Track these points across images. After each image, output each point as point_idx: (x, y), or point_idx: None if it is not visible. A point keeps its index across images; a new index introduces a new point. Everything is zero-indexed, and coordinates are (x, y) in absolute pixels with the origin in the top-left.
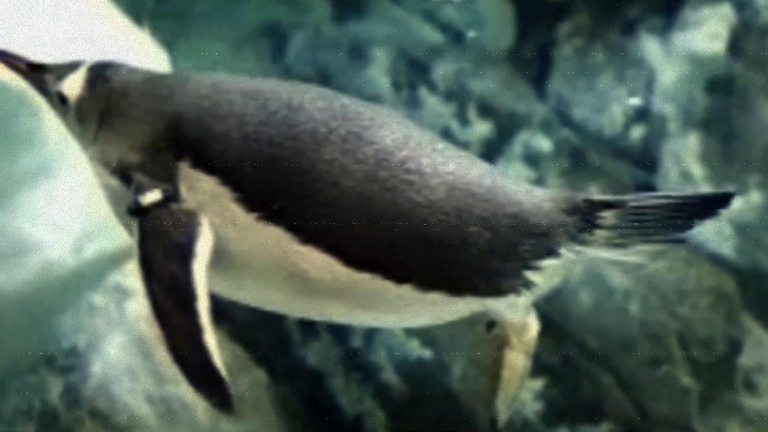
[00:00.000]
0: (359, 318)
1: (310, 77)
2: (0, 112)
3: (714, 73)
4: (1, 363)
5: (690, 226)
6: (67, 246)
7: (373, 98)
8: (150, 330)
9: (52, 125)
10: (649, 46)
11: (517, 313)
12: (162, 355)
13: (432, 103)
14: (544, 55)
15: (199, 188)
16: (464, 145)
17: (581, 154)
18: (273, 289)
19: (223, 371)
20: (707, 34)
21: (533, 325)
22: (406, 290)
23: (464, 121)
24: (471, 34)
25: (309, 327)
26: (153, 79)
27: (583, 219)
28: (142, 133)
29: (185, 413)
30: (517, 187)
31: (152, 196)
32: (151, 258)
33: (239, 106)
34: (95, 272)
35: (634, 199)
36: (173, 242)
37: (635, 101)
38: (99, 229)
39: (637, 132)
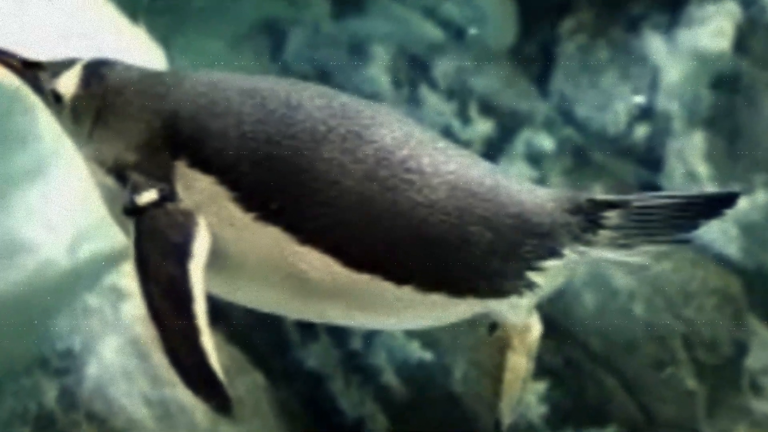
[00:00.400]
0: (359, 319)
1: (308, 75)
2: None
3: (719, 71)
4: None
5: (695, 227)
6: (62, 246)
7: (373, 96)
8: (146, 331)
9: (46, 124)
10: (654, 44)
11: (520, 315)
12: (158, 357)
13: (433, 101)
14: (547, 52)
15: (196, 188)
16: (465, 144)
17: (584, 153)
18: (271, 290)
19: (220, 373)
20: (712, 31)
21: (536, 327)
22: (407, 291)
23: (465, 120)
24: (472, 31)
25: (308, 329)
26: (149, 76)
27: (587, 219)
28: (138, 132)
29: (183, 416)
30: (520, 186)
31: (148, 196)
32: (147, 258)
33: (237, 104)
34: (90, 273)
35: (639, 198)
36: (170, 242)
37: (639, 99)
38: (94, 229)
39: (641, 130)
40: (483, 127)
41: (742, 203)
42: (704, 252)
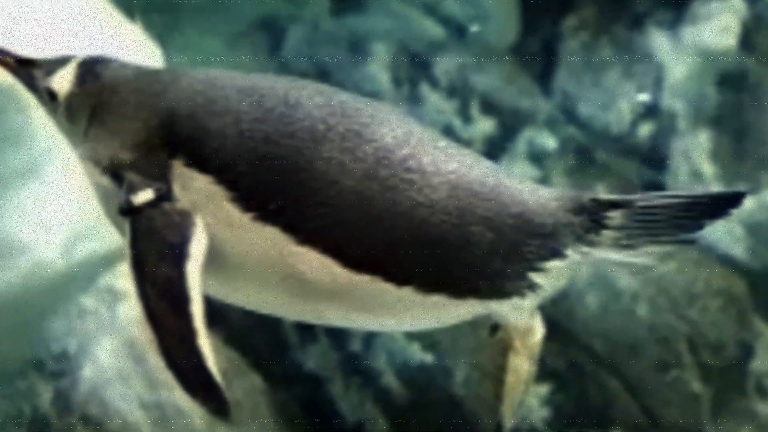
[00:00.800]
0: (358, 321)
1: (307, 73)
2: None
3: (725, 69)
4: None
5: (700, 227)
6: (57, 247)
7: (373, 94)
8: (142, 333)
9: (41, 123)
10: (658, 41)
11: (522, 317)
12: (155, 359)
13: (433, 99)
14: (550, 49)
15: (193, 187)
16: (467, 143)
17: (587, 152)
18: (269, 292)
19: (218, 376)
20: (718, 27)
21: (538, 329)
22: (407, 293)
23: (467, 118)
24: (474, 28)
25: (307, 331)
26: (145, 74)
27: (590, 219)
28: (134, 131)
29: (180, 419)
30: (522, 186)
31: (144, 196)
32: (143, 259)
33: (234, 102)
34: (86, 274)
35: (643, 198)
36: (166, 243)
37: (643, 97)
38: (90, 230)
39: (645, 129)
40: (484, 125)
41: (748, 203)
42: (709, 252)
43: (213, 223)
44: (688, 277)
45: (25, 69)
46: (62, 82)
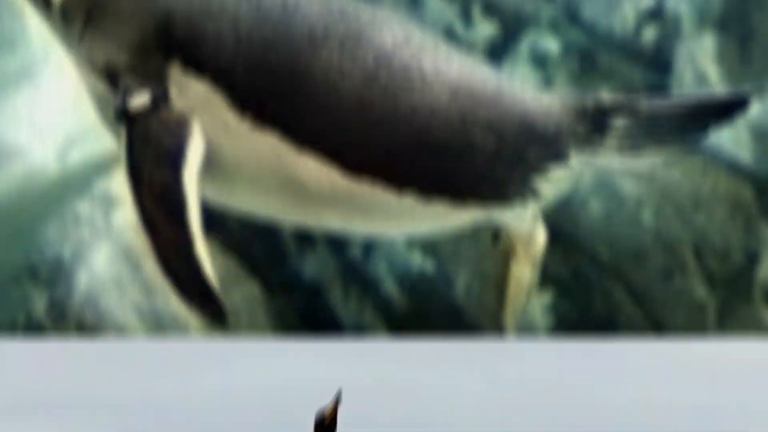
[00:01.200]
0: (358, 226)
1: None
2: None
3: None
4: None
5: (705, 131)
6: (51, 152)
7: None
8: (138, 240)
9: (35, 27)
10: None
11: (524, 223)
12: (151, 266)
13: (434, 2)
14: None
15: (190, 92)
16: (468, 47)
17: (591, 55)
18: (267, 197)
19: (214, 282)
20: None
21: (540, 236)
22: (408, 198)
23: (468, 21)
24: None
25: (305, 238)
26: None
27: (593, 123)
28: (130, 33)
29: (176, 326)
30: (524, 91)
31: (141, 99)
32: (140, 165)
33: (232, 5)
34: (81, 179)
35: (647, 102)
36: (163, 149)
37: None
38: (85, 134)
39: (649, 32)
40: (486, 28)
41: (754, 107)
42: (714, 158)
43: (210, 128)
44: (693, 183)
45: None
46: None
